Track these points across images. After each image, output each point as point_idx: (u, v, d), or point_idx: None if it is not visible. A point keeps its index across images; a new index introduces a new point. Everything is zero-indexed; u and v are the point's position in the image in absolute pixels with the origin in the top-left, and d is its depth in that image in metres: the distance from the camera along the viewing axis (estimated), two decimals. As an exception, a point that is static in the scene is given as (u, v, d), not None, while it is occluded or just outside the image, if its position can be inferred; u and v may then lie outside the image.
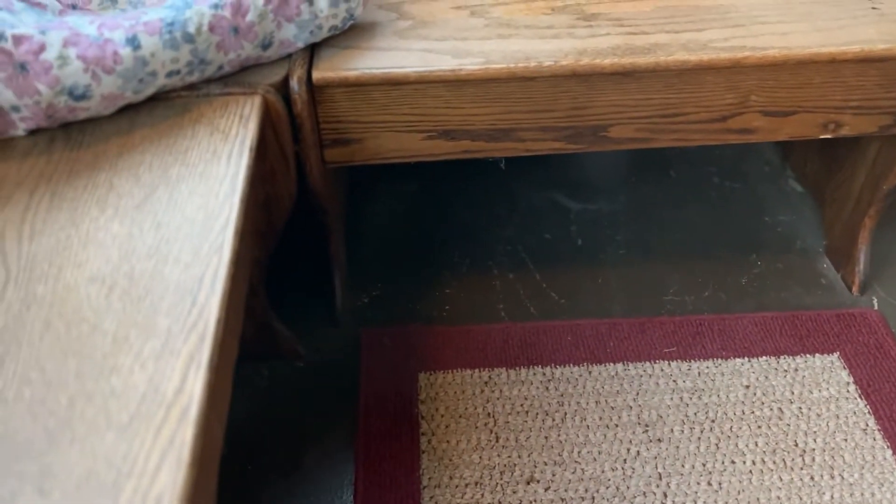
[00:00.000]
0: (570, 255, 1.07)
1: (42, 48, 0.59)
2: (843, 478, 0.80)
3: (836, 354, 0.91)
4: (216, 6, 0.65)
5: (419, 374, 0.90)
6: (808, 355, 0.91)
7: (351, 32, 0.77)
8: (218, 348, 0.48)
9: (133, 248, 0.54)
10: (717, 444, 0.82)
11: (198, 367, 0.46)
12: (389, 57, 0.75)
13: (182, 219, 0.56)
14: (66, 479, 0.41)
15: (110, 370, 0.46)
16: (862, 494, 0.78)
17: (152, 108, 0.67)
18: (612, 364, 0.91)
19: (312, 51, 0.75)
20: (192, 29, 0.64)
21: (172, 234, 0.55)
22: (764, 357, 0.91)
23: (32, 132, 0.64)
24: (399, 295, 1.01)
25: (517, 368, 0.90)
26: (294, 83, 0.71)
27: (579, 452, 0.82)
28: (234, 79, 0.70)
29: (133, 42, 0.61)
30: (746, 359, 0.91)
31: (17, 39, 0.58)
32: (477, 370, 0.90)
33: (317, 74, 0.73)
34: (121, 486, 0.41)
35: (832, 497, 0.78)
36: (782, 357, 0.91)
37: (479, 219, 1.12)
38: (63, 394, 0.45)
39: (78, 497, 0.40)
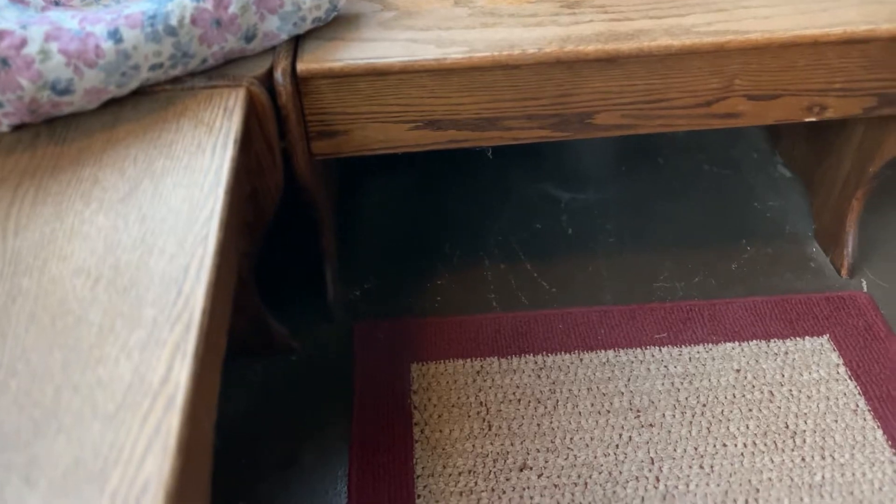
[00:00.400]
0: (561, 244, 1.07)
1: (23, 43, 0.59)
2: (833, 458, 0.80)
3: (825, 337, 0.92)
4: (198, -1, 0.65)
5: (412, 365, 0.90)
6: (798, 338, 0.92)
7: (335, 24, 0.77)
8: (203, 338, 0.48)
9: (118, 240, 0.54)
10: (708, 428, 0.83)
11: (183, 357, 0.46)
12: (374, 47, 0.75)
13: (167, 211, 0.57)
14: (53, 469, 0.41)
15: (96, 361, 0.46)
16: (853, 474, 0.78)
17: (136, 101, 0.67)
18: (603, 351, 0.91)
19: (297, 42, 0.75)
20: (174, 22, 0.64)
21: (157, 226, 0.55)
22: (754, 341, 0.91)
23: (16, 128, 0.64)
24: (391, 287, 1.01)
25: (509, 357, 0.90)
26: (278, 75, 0.71)
27: (571, 439, 0.82)
28: (218, 72, 0.70)
29: (115, 35, 0.61)
30: (737, 343, 0.91)
31: (-1, 35, 0.58)
32: (469, 360, 0.90)
33: (301, 66, 0.73)
34: (107, 474, 0.41)
35: (823, 477, 0.78)
36: (772, 340, 0.91)
37: (470, 210, 1.12)
38: (49, 385, 0.45)
39: (65, 485, 0.40)
